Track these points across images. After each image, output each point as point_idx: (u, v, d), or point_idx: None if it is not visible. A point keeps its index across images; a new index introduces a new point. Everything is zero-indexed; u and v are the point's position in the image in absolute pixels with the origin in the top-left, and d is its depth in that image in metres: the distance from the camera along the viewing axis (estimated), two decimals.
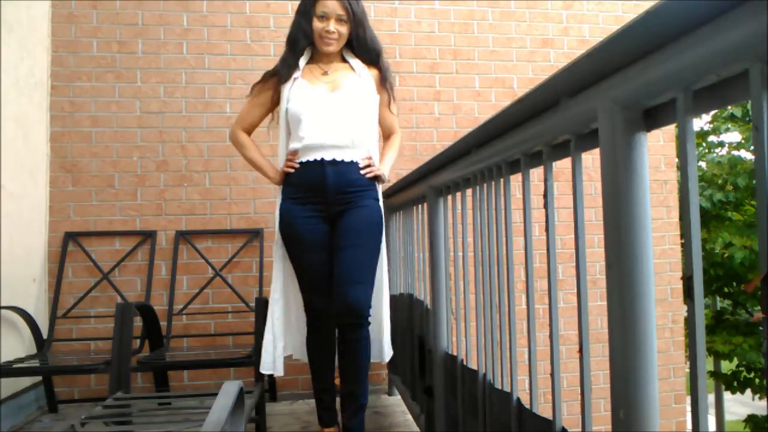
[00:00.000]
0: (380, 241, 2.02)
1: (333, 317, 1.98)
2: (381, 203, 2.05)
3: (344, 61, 2.10)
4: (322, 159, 1.96)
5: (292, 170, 1.99)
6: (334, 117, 1.98)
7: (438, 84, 3.49)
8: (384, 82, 2.10)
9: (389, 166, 2.12)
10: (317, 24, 1.99)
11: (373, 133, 2.07)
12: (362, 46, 2.07)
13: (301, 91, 2.00)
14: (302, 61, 2.04)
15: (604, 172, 0.75)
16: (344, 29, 2.01)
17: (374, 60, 2.09)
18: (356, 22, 2.02)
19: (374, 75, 2.09)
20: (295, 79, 2.02)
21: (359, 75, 2.05)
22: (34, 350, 2.74)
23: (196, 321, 3.11)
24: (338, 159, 1.97)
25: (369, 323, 1.96)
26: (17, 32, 2.78)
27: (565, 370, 1.03)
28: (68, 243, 3.04)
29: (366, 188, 2.00)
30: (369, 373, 2.07)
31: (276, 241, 2.06)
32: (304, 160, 1.98)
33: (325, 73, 2.05)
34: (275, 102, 2.08)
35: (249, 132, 2.15)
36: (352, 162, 1.99)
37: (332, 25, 1.98)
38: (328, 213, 1.98)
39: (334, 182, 1.95)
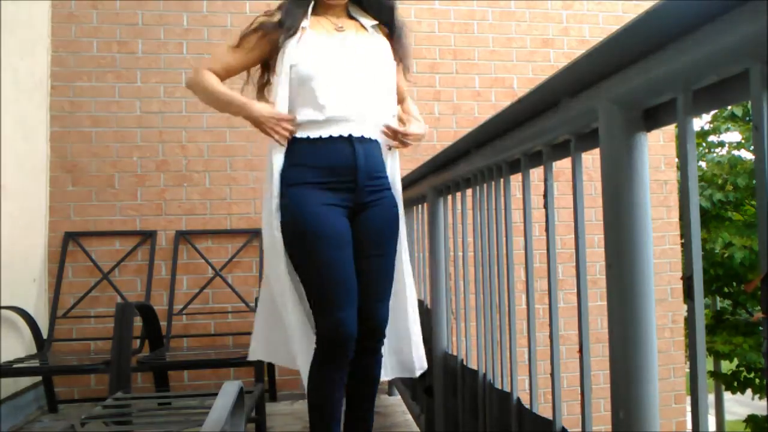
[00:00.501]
0: (397, 242, 1.69)
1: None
2: (397, 189, 1.71)
3: (351, 18, 1.72)
4: (350, 135, 1.57)
5: (288, 137, 1.56)
6: (358, 83, 1.60)
7: (438, 84, 3.49)
8: (399, 47, 1.72)
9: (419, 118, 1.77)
10: None
11: (394, 106, 1.71)
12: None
13: (314, 46, 1.60)
14: (309, 11, 1.65)
15: (604, 172, 0.75)
16: None
17: (387, 19, 1.70)
18: None
19: (386, 36, 1.72)
20: (303, 29, 1.60)
21: (372, 36, 1.68)
22: (34, 350, 2.74)
23: (196, 321, 3.11)
24: (366, 136, 1.59)
25: (384, 343, 1.67)
26: (17, 32, 2.78)
27: (565, 370, 1.03)
28: (68, 243, 3.04)
29: (385, 175, 1.67)
30: None
31: (273, 243, 1.56)
32: (326, 134, 1.56)
33: (340, 29, 1.66)
34: (268, 58, 1.68)
35: (220, 79, 1.68)
36: (376, 141, 1.63)
37: None
38: (355, 204, 1.59)
39: (365, 165, 1.58)
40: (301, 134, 1.57)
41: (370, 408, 1.71)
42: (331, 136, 1.56)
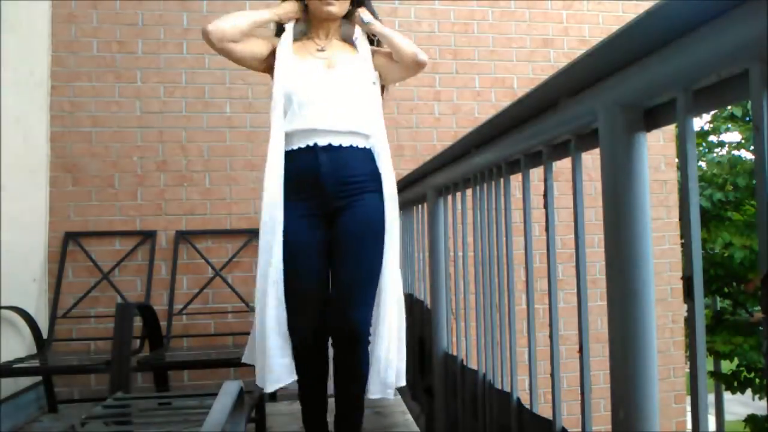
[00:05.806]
0: (383, 245, 1.70)
1: (325, 336, 1.73)
2: (388, 195, 1.72)
3: (344, 41, 1.84)
4: (315, 144, 1.67)
5: None
6: (331, 98, 1.71)
7: (438, 84, 3.49)
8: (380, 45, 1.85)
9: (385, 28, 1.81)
10: None
11: (378, 119, 1.77)
12: None
13: (292, 66, 1.73)
14: (289, 27, 1.78)
15: (604, 172, 0.75)
16: None
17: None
18: None
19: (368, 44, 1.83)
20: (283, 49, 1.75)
21: (363, 58, 1.78)
22: (34, 350, 2.74)
23: (196, 321, 3.11)
24: (335, 144, 1.68)
25: (369, 342, 1.69)
26: (17, 32, 2.78)
27: (565, 370, 1.03)
28: (68, 243, 3.04)
29: (369, 180, 1.72)
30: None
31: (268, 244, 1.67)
32: (295, 147, 1.69)
33: (322, 50, 1.78)
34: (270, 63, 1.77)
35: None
36: (351, 147, 1.70)
37: None
38: (326, 210, 1.70)
39: (330, 171, 1.68)
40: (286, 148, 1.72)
41: (357, 407, 1.76)
42: (299, 148, 1.69)
